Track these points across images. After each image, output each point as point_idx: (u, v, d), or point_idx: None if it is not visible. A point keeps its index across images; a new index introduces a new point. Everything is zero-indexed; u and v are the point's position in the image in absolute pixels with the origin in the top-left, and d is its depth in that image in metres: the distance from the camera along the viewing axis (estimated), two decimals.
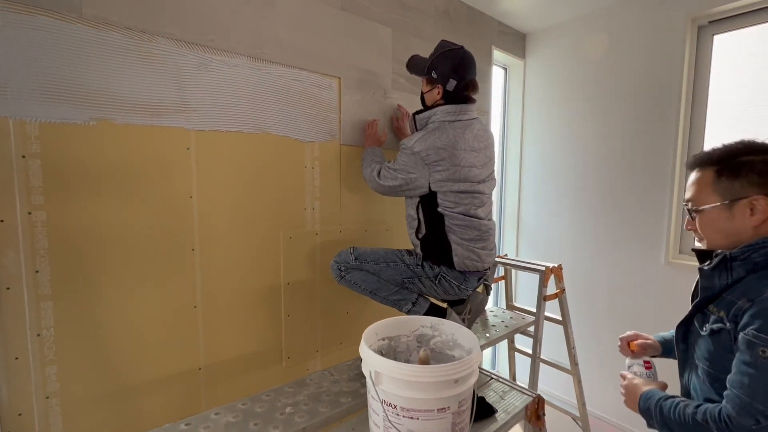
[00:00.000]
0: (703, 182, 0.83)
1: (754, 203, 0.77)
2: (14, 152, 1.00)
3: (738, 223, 0.79)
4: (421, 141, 1.33)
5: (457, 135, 1.34)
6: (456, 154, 1.32)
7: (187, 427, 0.99)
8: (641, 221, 2.09)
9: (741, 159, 0.79)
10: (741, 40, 1.87)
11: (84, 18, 1.07)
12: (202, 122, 1.30)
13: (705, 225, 0.84)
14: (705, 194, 0.82)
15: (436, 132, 1.34)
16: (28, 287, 1.04)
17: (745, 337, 0.71)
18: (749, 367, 0.69)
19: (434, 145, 1.32)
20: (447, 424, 0.82)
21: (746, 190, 0.77)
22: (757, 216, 0.77)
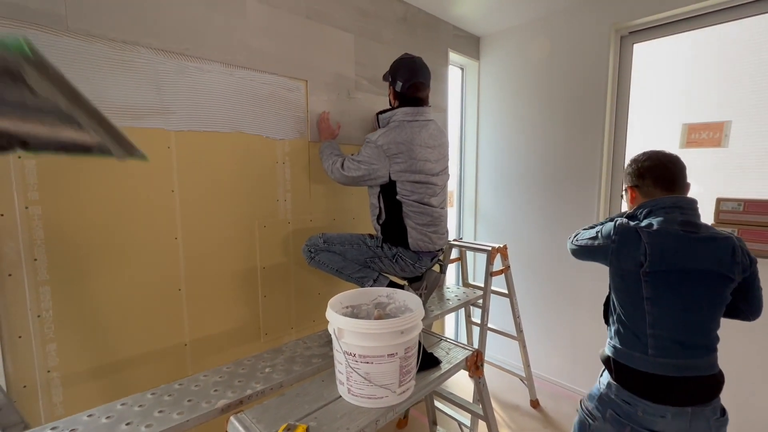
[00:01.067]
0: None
1: (630, 193, 1.24)
2: (11, 154, 1.12)
3: (631, 207, 1.25)
4: (383, 136, 1.54)
5: (414, 133, 1.56)
6: (413, 149, 1.54)
7: (180, 386, 1.16)
8: (577, 203, 2.40)
9: (628, 164, 1.25)
10: (659, 48, 2.17)
11: (70, 31, 1.19)
12: (181, 123, 1.44)
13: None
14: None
15: (397, 129, 1.55)
16: (27, 274, 1.17)
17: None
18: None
19: (395, 140, 1.53)
20: (396, 367, 1.04)
21: (627, 185, 1.25)
22: (632, 202, 1.24)
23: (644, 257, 1.05)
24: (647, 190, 1.17)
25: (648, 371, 1.07)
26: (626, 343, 1.13)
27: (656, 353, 1.07)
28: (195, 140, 1.47)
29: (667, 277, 1.05)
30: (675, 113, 2.13)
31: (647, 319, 1.08)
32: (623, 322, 1.14)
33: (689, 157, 2.07)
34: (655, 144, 2.19)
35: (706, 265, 1.04)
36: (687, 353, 1.06)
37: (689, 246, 1.05)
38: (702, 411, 1.04)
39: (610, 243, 1.12)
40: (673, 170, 1.15)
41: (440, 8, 2.36)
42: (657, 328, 1.07)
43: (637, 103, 2.26)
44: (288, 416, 1.01)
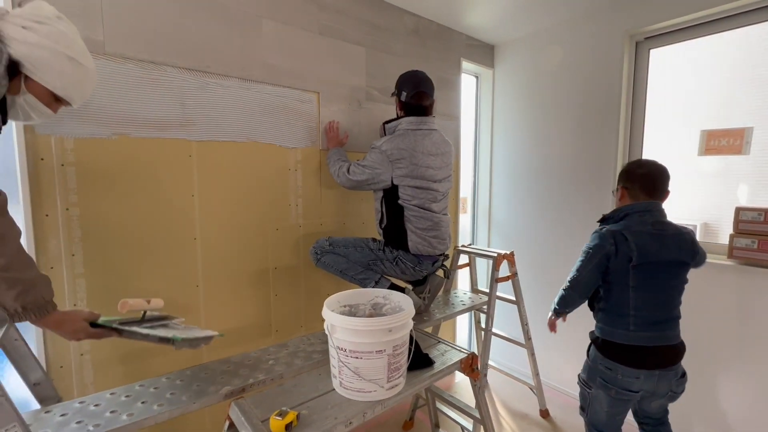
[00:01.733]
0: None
1: (620, 191, 1.47)
2: (55, 162, 1.29)
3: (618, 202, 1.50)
4: (387, 142, 1.63)
5: (417, 140, 1.63)
6: (415, 155, 1.61)
7: (191, 373, 1.28)
8: (590, 212, 2.36)
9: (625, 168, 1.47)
10: (677, 53, 2.13)
11: (107, 54, 1.36)
12: (202, 134, 1.58)
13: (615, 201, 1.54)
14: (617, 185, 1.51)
15: (401, 137, 1.63)
16: (66, 267, 1.33)
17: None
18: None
19: (398, 146, 1.61)
20: (384, 363, 1.11)
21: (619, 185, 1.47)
22: (621, 200, 1.47)
23: (633, 253, 1.32)
24: (634, 192, 1.43)
25: (627, 343, 1.36)
26: (611, 323, 1.41)
27: (636, 329, 1.35)
28: (214, 149, 1.61)
29: (648, 267, 1.33)
30: (693, 119, 2.07)
31: (630, 303, 1.36)
32: (609, 306, 1.42)
33: (708, 164, 2.02)
34: (673, 152, 2.15)
35: (674, 256, 1.35)
36: (659, 327, 1.36)
37: (661, 241, 1.34)
38: (666, 374, 1.35)
39: (609, 246, 1.36)
40: (659, 180, 1.41)
41: (452, 19, 2.42)
42: (638, 310, 1.35)
43: (654, 110, 2.21)
44: (284, 404, 1.09)
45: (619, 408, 1.43)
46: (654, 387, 1.35)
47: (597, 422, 1.50)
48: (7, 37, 0.85)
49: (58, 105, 0.98)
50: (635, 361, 1.34)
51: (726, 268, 1.86)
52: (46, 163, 1.28)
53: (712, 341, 1.91)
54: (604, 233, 1.39)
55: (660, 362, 1.34)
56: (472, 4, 2.21)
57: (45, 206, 1.29)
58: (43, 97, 0.93)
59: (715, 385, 1.93)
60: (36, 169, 1.26)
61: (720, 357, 1.90)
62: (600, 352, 1.42)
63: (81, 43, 0.97)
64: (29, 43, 0.87)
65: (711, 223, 2.11)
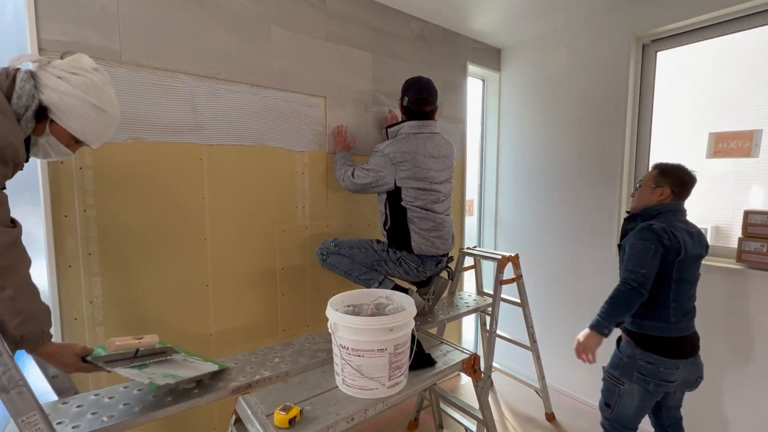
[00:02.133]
0: (651, 175, 1.55)
1: (664, 191, 1.50)
2: (74, 165, 1.36)
3: (653, 198, 1.52)
4: (390, 146, 1.67)
5: (419, 143, 1.66)
6: (417, 158, 1.64)
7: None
8: (597, 214, 2.35)
9: (670, 170, 1.52)
10: (685, 56, 2.11)
11: (123, 62, 1.42)
12: (212, 138, 1.63)
13: (640, 194, 1.57)
14: (648, 179, 1.55)
15: (403, 140, 1.67)
16: (83, 266, 1.39)
17: (627, 244, 1.47)
18: (627, 255, 1.44)
19: (400, 149, 1.64)
20: (385, 361, 1.13)
21: (665, 185, 1.50)
22: (661, 197, 1.51)
23: (681, 248, 1.40)
24: (675, 196, 1.51)
25: (669, 335, 1.42)
26: (651, 317, 1.45)
27: (675, 321, 1.43)
28: (223, 153, 1.67)
29: (686, 261, 1.42)
30: (701, 122, 2.05)
31: (671, 296, 1.43)
32: (648, 301, 1.43)
33: (717, 167, 2.00)
34: (681, 154, 2.13)
35: (699, 250, 1.47)
36: (689, 316, 1.47)
37: (691, 237, 1.45)
38: (696, 360, 1.47)
39: (666, 241, 1.40)
40: (691, 185, 1.52)
41: (458, 23, 2.44)
42: (677, 302, 1.43)
43: (661, 112, 2.20)
44: (288, 400, 1.12)
45: (650, 402, 1.48)
46: (688, 374, 1.44)
47: (623, 417, 1.51)
48: (42, 85, 0.94)
49: (77, 146, 1.05)
50: (677, 352, 1.42)
51: (735, 272, 1.84)
52: (66, 167, 1.34)
53: (719, 345, 1.89)
54: (656, 229, 1.41)
55: (693, 350, 1.46)
56: (478, 9, 2.23)
57: (64, 207, 1.35)
58: (64, 139, 1.01)
59: (722, 388, 1.90)
60: (56, 172, 1.33)
61: (728, 361, 1.88)
62: (640, 347, 1.45)
63: (110, 93, 1.05)
64: (60, 92, 0.94)
65: (722, 227, 2.09)
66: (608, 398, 1.55)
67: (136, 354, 1.14)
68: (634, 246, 1.44)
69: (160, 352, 1.21)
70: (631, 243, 1.45)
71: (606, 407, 1.56)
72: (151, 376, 1.06)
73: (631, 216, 1.57)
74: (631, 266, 1.42)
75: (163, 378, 1.07)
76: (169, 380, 1.07)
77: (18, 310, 0.88)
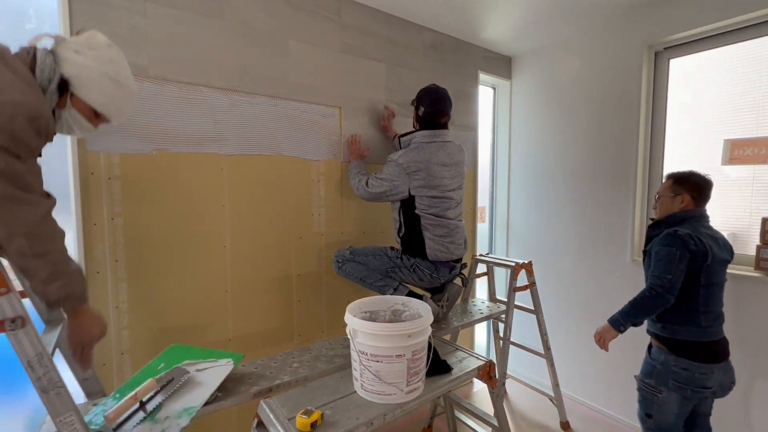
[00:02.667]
0: (667, 184, 1.60)
1: (684, 198, 1.53)
2: (103, 175, 1.42)
3: (674, 206, 1.55)
4: (404, 155, 1.70)
5: (431, 152, 1.70)
6: (430, 167, 1.68)
7: None
8: (610, 224, 2.35)
9: (685, 177, 1.56)
10: (699, 62, 2.11)
11: (150, 77, 1.48)
12: (232, 148, 1.69)
13: (661, 205, 1.61)
14: (666, 190, 1.59)
15: (416, 150, 1.70)
16: (111, 272, 1.45)
17: (653, 250, 1.50)
18: (654, 261, 1.47)
19: (414, 159, 1.68)
20: (403, 367, 1.15)
21: (683, 192, 1.54)
22: (683, 204, 1.54)
23: (708, 253, 1.42)
24: (695, 201, 1.54)
25: (701, 340, 1.43)
26: (682, 322, 1.45)
27: (707, 325, 1.44)
28: (242, 162, 1.72)
29: (713, 266, 1.44)
30: (717, 128, 2.05)
31: (700, 300, 1.44)
32: (677, 306, 1.44)
33: (732, 174, 1.99)
34: (696, 161, 2.12)
35: (725, 255, 1.48)
36: (719, 320, 1.48)
37: (717, 242, 1.47)
38: (729, 364, 1.48)
39: (692, 246, 1.41)
40: (710, 191, 1.55)
41: (470, 33, 2.48)
42: (707, 306, 1.44)
43: (675, 119, 2.20)
44: (308, 404, 1.15)
45: (688, 408, 1.47)
46: (722, 378, 1.45)
47: (664, 426, 1.49)
48: (60, 59, 0.98)
49: (98, 121, 1.09)
50: (710, 357, 1.42)
51: (753, 280, 1.82)
52: (95, 177, 1.40)
53: (737, 354, 1.86)
54: (682, 235, 1.42)
55: (725, 353, 1.47)
56: (489, 20, 2.27)
57: (93, 216, 1.41)
58: (85, 112, 1.04)
59: (742, 397, 1.87)
60: (86, 182, 1.39)
61: (746, 370, 1.85)
62: (673, 353, 1.45)
63: (126, 67, 1.08)
64: (78, 64, 0.99)
65: (739, 234, 2.07)
66: (647, 408, 1.52)
67: (142, 404, 1.08)
68: (659, 252, 1.45)
69: (167, 383, 1.17)
70: (656, 249, 1.47)
71: (647, 418, 1.52)
72: (164, 427, 1.03)
73: (655, 223, 1.60)
74: (657, 272, 1.44)
75: (177, 425, 1.03)
76: (184, 422, 1.04)
77: (60, 273, 0.91)
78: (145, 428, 1.03)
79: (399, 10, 2.14)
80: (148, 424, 1.04)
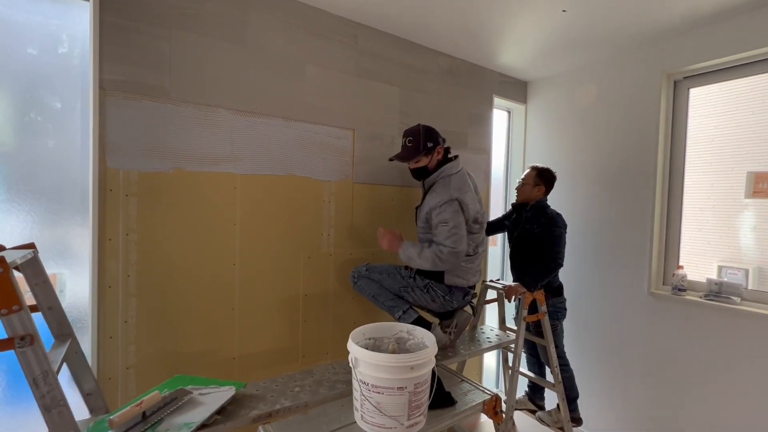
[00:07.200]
0: (530, 174, 2.17)
1: (539, 188, 2.12)
2: (121, 193, 1.46)
3: (535, 193, 2.14)
4: (458, 191, 1.61)
5: (467, 182, 1.72)
6: (468, 201, 1.65)
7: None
8: (627, 255, 2.28)
9: (545, 171, 2.14)
10: (719, 92, 2.07)
11: (171, 98, 1.54)
12: (246, 168, 1.72)
13: (522, 191, 2.17)
14: (529, 178, 2.15)
15: (460, 180, 1.68)
16: (122, 287, 1.48)
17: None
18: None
19: (465, 191, 1.67)
20: (404, 400, 1.13)
21: (541, 182, 2.13)
22: (540, 193, 2.13)
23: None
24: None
25: None
26: None
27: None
28: (256, 182, 1.75)
29: None
30: (738, 159, 1.99)
31: None
32: None
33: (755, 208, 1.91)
34: (716, 193, 2.05)
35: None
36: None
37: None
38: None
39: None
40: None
41: (486, 59, 2.50)
42: None
43: (694, 148, 2.14)
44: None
45: None
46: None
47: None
48: None
49: None
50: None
51: None
52: (114, 194, 1.45)
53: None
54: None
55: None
56: (505, 45, 2.29)
57: (109, 232, 1.45)
58: None
59: None
60: (104, 199, 1.43)
61: None
62: None
63: None
64: None
65: (765, 268, 1.98)
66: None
67: (144, 417, 1.10)
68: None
69: (170, 400, 1.19)
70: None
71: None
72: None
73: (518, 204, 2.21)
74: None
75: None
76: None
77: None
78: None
79: (415, 36, 2.18)
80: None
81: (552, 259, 1.99)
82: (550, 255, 2.00)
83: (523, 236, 2.15)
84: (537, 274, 1.97)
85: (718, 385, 1.94)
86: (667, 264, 2.19)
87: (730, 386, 1.89)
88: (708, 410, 1.97)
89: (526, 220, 2.14)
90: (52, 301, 1.14)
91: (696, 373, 2.01)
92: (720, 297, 1.96)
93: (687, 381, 2.04)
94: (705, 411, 1.98)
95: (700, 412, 2.00)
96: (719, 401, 1.93)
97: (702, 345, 1.99)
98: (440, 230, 1.58)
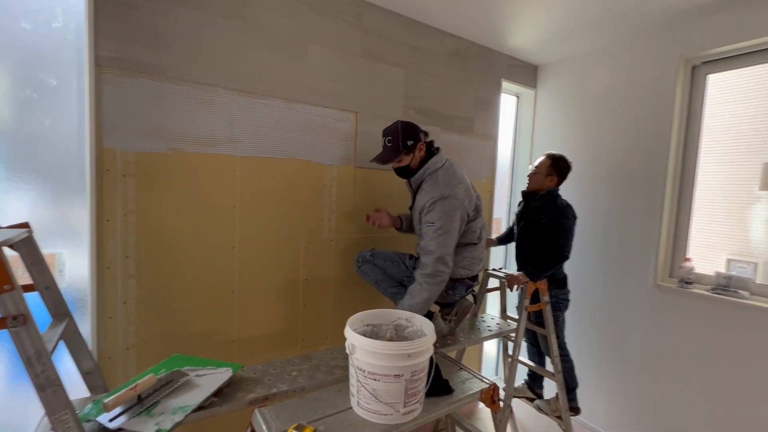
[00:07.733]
0: (544, 162, 2.09)
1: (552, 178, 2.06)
2: (119, 173, 1.44)
3: (547, 183, 2.07)
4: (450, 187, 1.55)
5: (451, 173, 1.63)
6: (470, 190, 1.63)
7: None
8: (634, 245, 2.23)
9: (561, 160, 2.08)
10: (738, 79, 1.98)
11: (169, 77, 1.50)
12: (246, 150, 1.69)
13: (534, 179, 2.11)
14: (542, 167, 2.08)
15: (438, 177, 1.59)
16: (121, 268, 1.47)
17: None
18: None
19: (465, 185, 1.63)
20: (401, 387, 1.12)
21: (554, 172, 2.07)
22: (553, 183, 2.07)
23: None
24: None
25: None
26: None
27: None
28: (256, 164, 1.72)
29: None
30: (756, 151, 1.91)
31: None
32: None
33: None
34: (731, 184, 1.98)
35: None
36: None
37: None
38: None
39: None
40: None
41: (494, 41, 2.41)
42: None
43: (710, 137, 2.07)
44: (302, 417, 1.13)
45: None
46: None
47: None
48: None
49: None
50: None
51: None
52: (111, 174, 1.43)
53: None
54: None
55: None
56: (515, 27, 2.20)
57: (107, 212, 1.43)
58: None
59: None
60: (102, 179, 1.41)
61: None
62: None
63: None
64: None
65: None
66: None
67: (140, 399, 1.11)
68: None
69: (166, 382, 1.19)
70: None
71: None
72: (158, 420, 1.05)
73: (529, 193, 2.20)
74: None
75: (171, 420, 1.05)
76: (178, 418, 1.06)
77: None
78: (140, 421, 1.05)
79: (422, 15, 2.10)
80: (143, 417, 1.06)
81: (558, 252, 1.94)
82: (556, 247, 1.94)
83: (530, 226, 2.08)
84: (541, 265, 1.92)
85: (720, 380, 1.91)
86: (675, 256, 2.15)
87: (735, 381, 1.87)
88: (708, 404, 1.95)
89: (534, 209, 2.07)
90: (48, 281, 1.14)
91: (698, 367, 1.99)
92: (728, 291, 1.92)
93: (689, 374, 2.02)
94: (705, 405, 1.96)
95: (701, 406, 1.98)
96: (722, 396, 1.91)
97: (706, 339, 1.96)
98: (426, 230, 1.53)
